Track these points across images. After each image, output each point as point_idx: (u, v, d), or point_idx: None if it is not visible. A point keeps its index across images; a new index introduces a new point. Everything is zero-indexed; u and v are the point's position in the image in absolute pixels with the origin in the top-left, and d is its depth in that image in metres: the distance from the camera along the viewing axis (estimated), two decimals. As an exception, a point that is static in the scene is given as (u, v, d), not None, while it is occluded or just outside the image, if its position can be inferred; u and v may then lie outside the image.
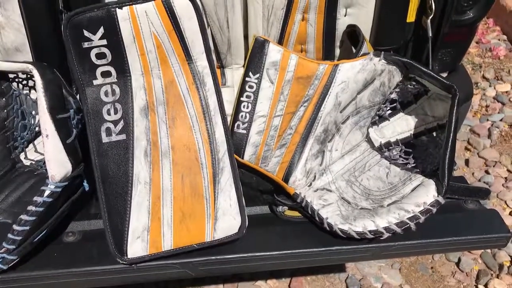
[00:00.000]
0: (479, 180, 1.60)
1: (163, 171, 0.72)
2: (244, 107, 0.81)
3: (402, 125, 0.93)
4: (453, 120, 0.77)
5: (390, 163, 0.88)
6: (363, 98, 0.83)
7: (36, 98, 0.80)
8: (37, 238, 0.71)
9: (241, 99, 0.81)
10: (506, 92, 1.93)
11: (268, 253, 0.78)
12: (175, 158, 0.72)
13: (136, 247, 0.71)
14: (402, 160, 0.89)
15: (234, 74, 0.95)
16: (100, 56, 0.70)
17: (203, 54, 0.73)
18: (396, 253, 0.82)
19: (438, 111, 0.88)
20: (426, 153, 0.90)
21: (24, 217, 0.68)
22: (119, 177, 0.71)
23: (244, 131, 0.81)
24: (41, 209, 0.68)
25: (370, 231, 0.74)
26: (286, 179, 0.79)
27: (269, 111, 0.80)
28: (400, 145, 0.92)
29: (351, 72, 0.79)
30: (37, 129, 0.89)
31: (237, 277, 1.29)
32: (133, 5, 0.67)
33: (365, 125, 0.88)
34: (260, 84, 0.80)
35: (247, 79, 0.81)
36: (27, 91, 0.86)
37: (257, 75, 0.80)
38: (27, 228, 0.68)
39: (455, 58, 1.06)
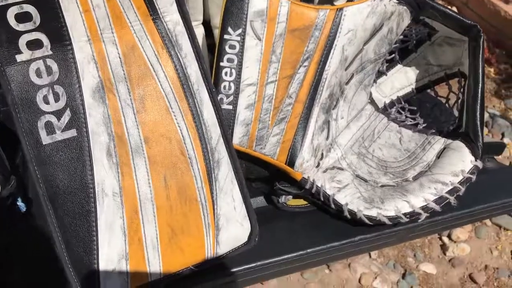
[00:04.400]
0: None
1: (137, 174, 0.51)
2: (226, 74, 0.61)
3: (401, 79, 0.79)
4: (479, 67, 0.64)
5: (399, 126, 0.73)
6: (369, 50, 0.67)
7: None
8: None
9: (221, 64, 0.61)
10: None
11: (278, 259, 0.62)
12: (152, 154, 0.51)
13: (112, 284, 0.51)
14: (410, 121, 0.75)
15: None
16: (23, 17, 0.47)
17: (173, 5, 0.52)
18: (423, 232, 0.69)
19: (445, 58, 0.74)
20: (434, 110, 0.76)
21: None
22: (74, 191, 0.49)
23: (230, 107, 0.61)
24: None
25: (405, 214, 0.60)
26: (291, 162, 0.62)
27: (259, 77, 0.61)
28: (403, 103, 0.78)
29: (359, 17, 0.62)
30: None
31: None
32: None
33: (369, 84, 0.72)
34: (244, 42, 0.61)
35: (226, 36, 0.61)
36: None
37: (239, 31, 0.61)
38: None
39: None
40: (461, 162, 0.62)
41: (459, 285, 1.62)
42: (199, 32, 0.77)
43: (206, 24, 0.79)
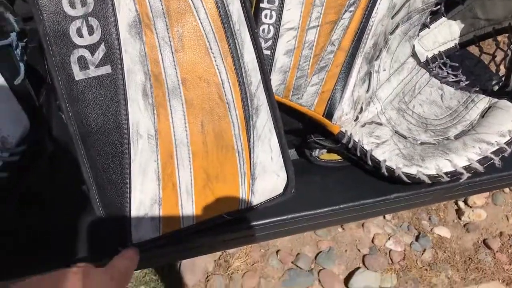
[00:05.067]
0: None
1: (173, 117, 0.48)
2: (266, 17, 0.57)
3: (445, 33, 0.74)
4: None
5: (441, 83, 0.69)
6: (418, -1, 0.62)
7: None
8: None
9: (262, 5, 0.57)
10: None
11: (311, 212, 0.60)
12: (189, 97, 0.49)
13: (143, 228, 0.49)
14: (452, 78, 0.71)
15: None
16: None
17: None
18: (460, 193, 0.67)
19: (495, 12, 0.69)
20: (479, 67, 0.72)
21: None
22: (108, 131, 0.47)
23: (268, 52, 0.58)
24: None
25: (446, 173, 0.57)
26: (329, 114, 0.59)
27: (300, 22, 0.58)
28: (444, 58, 0.74)
29: (412, -40, 0.57)
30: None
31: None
32: None
33: (414, 35, 0.68)
34: (287, -18, 0.57)
35: (267, -24, 0.57)
36: None
37: (282, -30, 0.56)
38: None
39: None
40: (509, 122, 0.59)
41: (472, 250, 1.62)
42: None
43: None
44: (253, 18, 0.51)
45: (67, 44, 0.46)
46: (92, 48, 0.46)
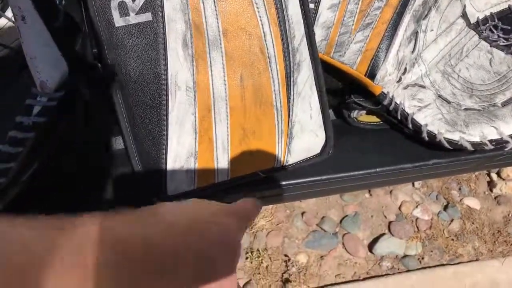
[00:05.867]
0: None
1: (212, 69, 0.47)
2: (311, -33, 0.55)
3: (498, -6, 0.70)
4: None
5: (491, 46, 0.66)
6: (474, -47, 0.58)
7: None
8: (26, 177, 0.47)
9: (307, -46, 0.54)
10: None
11: (347, 174, 0.58)
12: (229, 49, 0.47)
13: (178, 180, 0.49)
14: (503, 42, 0.67)
15: None
16: None
17: None
18: (501, 163, 0.64)
19: (556, -28, 0.64)
20: (533, 32, 0.68)
21: (4, 148, 0.43)
22: (146, 80, 0.46)
23: (312, 5, 0.56)
24: (30, 134, 0.44)
25: (491, 141, 0.55)
26: (372, 74, 0.57)
27: (347, -26, 0.55)
28: (496, 20, 0.70)
29: None
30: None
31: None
32: None
33: (466, -6, 0.64)
34: None
35: None
36: None
37: None
38: (11, 166, 0.44)
39: None
40: None
41: (502, 223, 1.59)
42: None
43: None
44: (299, -33, 0.48)
45: (107, -11, 0.45)
46: (133, -6, 0.45)
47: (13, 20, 0.45)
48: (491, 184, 1.68)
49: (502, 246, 1.53)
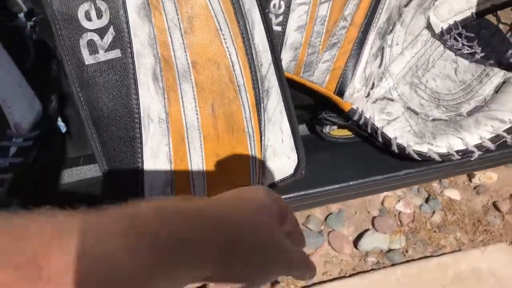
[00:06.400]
0: None
1: (183, 101, 0.48)
2: (276, -8, 0.56)
3: (461, 2, 0.72)
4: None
5: (456, 55, 0.68)
6: (434, -31, 0.60)
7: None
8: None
9: (272, -20, 0.56)
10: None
11: (321, 189, 0.60)
12: (199, 80, 0.48)
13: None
14: (467, 50, 0.69)
15: None
16: None
17: None
18: (471, 168, 0.67)
19: (514, -20, 0.67)
20: (494, 39, 0.70)
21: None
22: (119, 115, 0.47)
23: (279, 28, 0.57)
24: (7, 175, 0.45)
25: (457, 152, 0.57)
26: (341, 91, 0.58)
27: (312, -4, 0.56)
28: (460, 28, 0.72)
29: None
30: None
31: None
32: None
33: (429, 7, 0.66)
34: (298, -45, 0.55)
35: (278, -51, 0.55)
36: None
37: None
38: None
39: None
40: (523, 99, 0.58)
41: (482, 212, 1.63)
42: None
43: None
44: (263, -2, 0.50)
45: (76, 28, 0.45)
46: (101, 32, 0.46)
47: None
48: (470, 175, 1.72)
49: (482, 235, 1.57)
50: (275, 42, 0.50)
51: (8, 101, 0.43)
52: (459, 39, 0.71)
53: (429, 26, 0.68)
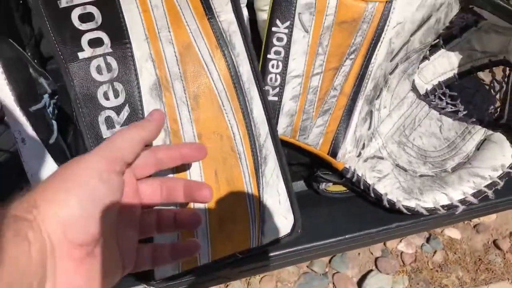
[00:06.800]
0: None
1: (190, 168, 0.54)
2: (273, 67, 0.62)
3: (444, 64, 0.78)
4: (528, 61, 0.63)
5: (440, 114, 0.74)
6: (415, 40, 0.67)
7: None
8: None
9: (269, 56, 0.62)
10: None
11: (319, 243, 0.65)
12: (204, 149, 0.54)
13: (165, 267, 0.55)
14: (451, 108, 0.75)
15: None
16: (86, 17, 0.49)
17: (228, 4, 0.53)
18: (458, 219, 0.71)
19: (491, 45, 0.73)
20: (476, 97, 0.76)
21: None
22: (133, 182, 0.53)
23: (276, 98, 0.63)
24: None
25: (443, 206, 0.62)
26: (333, 152, 0.64)
27: (305, 69, 0.62)
28: (444, 88, 0.78)
29: (409, 10, 0.62)
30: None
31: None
32: None
33: (413, 73, 0.72)
34: (292, 34, 0.61)
35: (274, 29, 0.61)
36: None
37: (287, 23, 0.61)
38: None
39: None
40: (502, 156, 0.64)
41: (483, 251, 1.66)
42: (243, 14, 0.77)
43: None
44: (261, 77, 0.56)
45: (95, 106, 0.52)
46: (118, 109, 0.52)
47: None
48: (470, 214, 1.75)
49: (484, 273, 1.60)
50: (272, 114, 0.56)
51: (34, 176, 0.49)
52: (444, 98, 0.77)
53: (414, 89, 0.75)
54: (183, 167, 0.54)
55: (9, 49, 0.52)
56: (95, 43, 0.50)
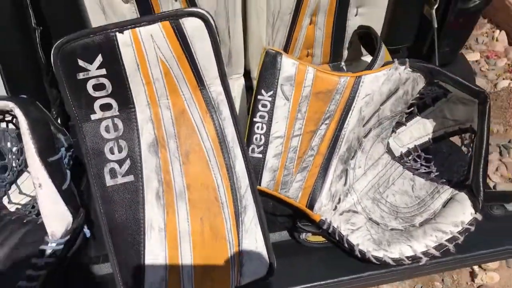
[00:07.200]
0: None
1: (179, 215, 0.63)
2: (258, 128, 0.72)
3: (419, 130, 0.87)
4: (485, 129, 0.71)
5: (413, 174, 0.82)
6: (386, 109, 0.76)
7: (15, 133, 0.69)
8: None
9: (254, 119, 0.72)
10: (476, 61, 1.92)
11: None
12: (192, 198, 0.63)
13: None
14: (424, 169, 0.83)
15: (235, 84, 0.87)
16: (99, 87, 0.60)
17: (217, 79, 0.63)
18: (426, 272, 0.77)
19: (459, 114, 0.82)
20: (449, 160, 0.84)
21: (22, 284, 0.58)
22: (129, 224, 0.62)
23: (260, 155, 0.72)
24: (43, 272, 0.59)
25: (407, 257, 0.69)
26: (311, 205, 0.72)
27: (286, 132, 0.72)
28: (419, 151, 0.86)
29: (375, 84, 0.71)
30: (19, 167, 0.77)
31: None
32: (136, 28, 0.57)
33: (386, 137, 0.81)
34: (275, 102, 0.72)
35: (259, 97, 0.72)
36: (4, 126, 0.74)
37: (271, 92, 0.72)
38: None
39: (455, 49, 1.01)
40: (462, 213, 0.70)
41: (486, 314, 1.65)
42: (240, 83, 0.88)
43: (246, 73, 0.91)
44: (243, 138, 0.66)
45: (102, 159, 0.62)
46: (120, 162, 0.62)
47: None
48: (472, 275, 1.77)
49: (485, 337, 1.59)
50: (252, 169, 0.65)
51: (47, 217, 0.59)
52: (418, 160, 0.85)
53: (389, 151, 0.83)
54: (173, 213, 0.63)
55: (35, 110, 0.63)
56: (105, 107, 0.61)
